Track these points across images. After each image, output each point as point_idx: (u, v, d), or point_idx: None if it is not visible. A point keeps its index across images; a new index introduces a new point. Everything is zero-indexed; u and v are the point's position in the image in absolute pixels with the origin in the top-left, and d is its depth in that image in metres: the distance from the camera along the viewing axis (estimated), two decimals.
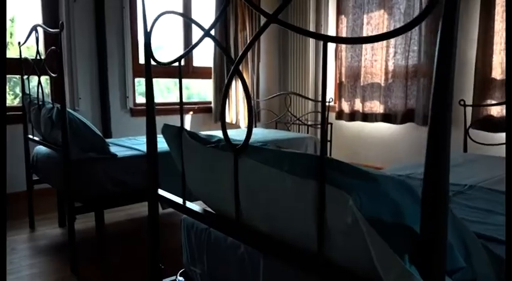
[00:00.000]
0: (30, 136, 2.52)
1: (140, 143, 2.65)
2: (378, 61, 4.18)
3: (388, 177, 0.62)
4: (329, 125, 3.21)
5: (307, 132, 3.52)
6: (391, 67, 4.09)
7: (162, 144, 1.55)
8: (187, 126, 4.28)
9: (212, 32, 3.83)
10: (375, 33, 4.18)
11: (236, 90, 4.46)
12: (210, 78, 4.43)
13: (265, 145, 0.92)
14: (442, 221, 0.53)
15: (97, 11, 3.59)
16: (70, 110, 2.10)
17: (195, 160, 1.15)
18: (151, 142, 1.36)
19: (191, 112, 4.31)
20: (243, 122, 4.52)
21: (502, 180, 1.66)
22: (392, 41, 4.06)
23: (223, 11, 1.04)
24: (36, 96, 2.39)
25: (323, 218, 0.69)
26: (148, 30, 1.26)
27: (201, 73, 4.57)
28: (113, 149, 2.30)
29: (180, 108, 1.27)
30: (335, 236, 0.69)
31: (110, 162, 2.17)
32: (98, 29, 3.61)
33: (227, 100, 4.41)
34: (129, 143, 2.68)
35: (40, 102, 2.29)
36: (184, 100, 1.84)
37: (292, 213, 0.79)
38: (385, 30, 4.09)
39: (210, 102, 4.48)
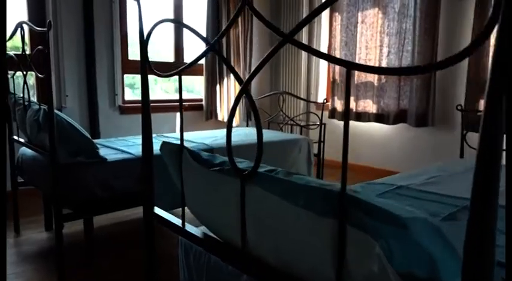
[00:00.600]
0: (15, 137, 2.42)
1: (130, 145, 2.57)
2: (372, 60, 4.14)
3: (419, 221, 0.57)
4: (322, 126, 3.16)
5: (301, 133, 3.46)
6: (384, 66, 4.05)
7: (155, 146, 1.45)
8: (177, 124, 4.20)
9: (204, 28, 3.70)
10: (369, 32, 4.14)
11: (228, 87, 4.38)
12: (202, 75, 4.34)
13: (276, 171, 0.86)
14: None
15: (85, 5, 3.46)
16: (57, 112, 2.01)
17: (197, 181, 1.08)
18: (147, 158, 1.27)
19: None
20: (235, 120, 4.44)
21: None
22: (386, 40, 4.02)
23: (232, 22, 0.97)
24: (21, 95, 2.29)
25: (343, 260, 0.64)
26: (145, 38, 1.17)
27: (192, 70, 4.47)
28: (102, 151, 2.21)
29: (181, 125, 1.19)
30: (356, 278, 0.63)
31: (99, 166, 2.09)
32: (86, 23, 3.48)
33: (219, 97, 4.33)
34: (118, 144, 2.59)
35: (26, 103, 2.19)
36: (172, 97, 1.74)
37: (304, 248, 0.73)
38: (379, 29, 4.05)
39: (201, 100, 4.40)
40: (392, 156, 4.18)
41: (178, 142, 1.17)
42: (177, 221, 1.15)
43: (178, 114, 4.19)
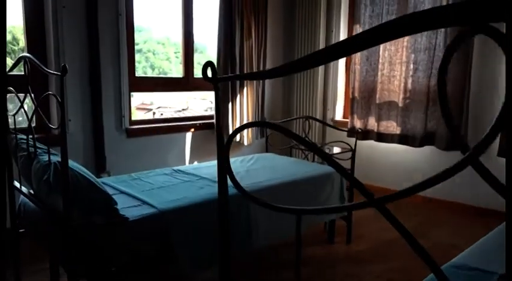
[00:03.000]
0: (17, 184, 2.09)
1: (148, 189, 2.25)
2: (397, 77, 3.87)
3: None
4: (349, 151, 2.89)
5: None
6: (410, 85, 3.78)
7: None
8: (188, 146, 3.88)
9: (215, 39, 3.35)
10: (393, 47, 3.86)
11: (241, 104, 4.07)
12: (212, 90, 4.02)
13: None
14: None
15: (89, 18, 3.12)
16: (70, 162, 1.69)
17: None
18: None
19: (192, 129, 3.90)
20: (247, 139, 4.15)
21: None
22: (412, 56, 3.74)
23: None
24: (23, 136, 1.97)
25: None
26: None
27: (202, 85, 4.15)
28: (119, 201, 1.90)
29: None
30: None
31: (119, 227, 1.78)
32: (90, 38, 3.14)
33: (231, 115, 4.02)
34: (134, 188, 2.27)
35: (30, 148, 1.86)
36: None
37: None
38: (405, 45, 3.77)
39: (212, 117, 4.09)
40: (416, 180, 3.91)
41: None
42: None
43: (187, 134, 3.88)
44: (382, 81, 3.94)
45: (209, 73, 0.95)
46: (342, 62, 4.45)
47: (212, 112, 4.20)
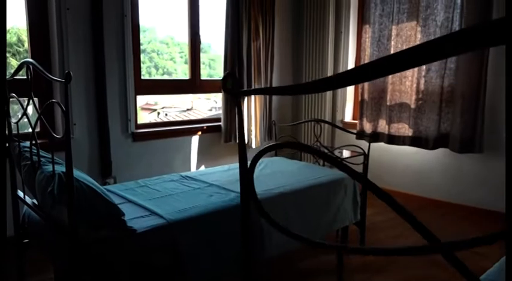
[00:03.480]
0: (20, 194, 2.02)
1: (156, 198, 2.17)
2: (408, 78, 3.76)
3: None
4: (360, 155, 2.80)
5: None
6: (422, 86, 3.68)
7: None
8: (194, 149, 3.80)
9: (220, 38, 3.21)
10: (405, 46, 3.75)
11: (248, 106, 3.99)
12: (220, 92, 3.95)
13: None
14: None
15: (94, 19, 3.04)
16: (75, 171, 1.61)
17: None
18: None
19: (199, 133, 3.82)
20: (255, 142, 4.06)
21: None
22: None
23: None
24: (27, 144, 1.89)
25: None
26: None
27: (210, 87, 4.07)
28: (126, 211, 1.82)
29: None
30: None
31: (127, 240, 1.70)
32: (95, 40, 3.07)
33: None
34: (141, 196, 2.19)
35: (34, 157, 1.79)
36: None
37: None
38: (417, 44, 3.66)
39: (219, 120, 4.00)
40: (430, 183, 3.82)
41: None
42: None
43: (193, 138, 3.79)
44: (393, 82, 3.84)
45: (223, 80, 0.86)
46: (351, 62, 4.35)
47: (217, 112, 4.12)
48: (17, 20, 3.07)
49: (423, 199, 3.84)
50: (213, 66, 4.48)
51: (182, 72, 4.53)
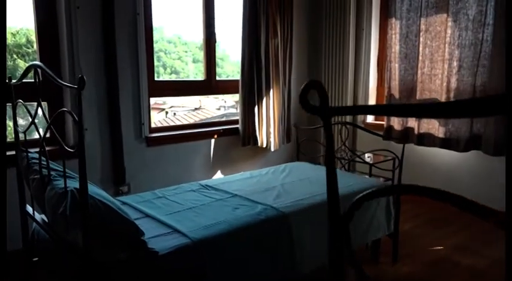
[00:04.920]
0: (29, 209, 1.84)
1: (176, 211, 1.98)
2: (438, 76, 3.53)
3: None
4: (391, 160, 2.59)
5: (370, 173, 2.86)
6: (454, 84, 3.45)
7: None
8: (211, 152, 3.62)
9: (240, 38, 3.00)
10: (435, 43, 3.53)
11: (267, 108, 3.79)
12: (237, 93, 3.75)
13: None
14: None
15: (105, 18, 2.86)
16: (90, 186, 1.42)
17: None
18: None
19: (216, 136, 3.63)
20: (274, 145, 3.86)
21: None
22: (456, 52, 3.40)
23: None
24: (35, 156, 1.72)
25: None
26: None
27: (226, 88, 3.88)
28: (144, 225, 1.63)
29: None
30: None
31: (148, 263, 1.52)
32: (107, 39, 2.88)
33: (257, 119, 3.74)
34: (159, 209, 2.01)
35: (43, 171, 1.60)
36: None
37: None
38: (448, 40, 3.44)
39: (236, 122, 3.80)
40: (460, 187, 3.58)
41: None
42: None
43: (210, 141, 3.60)
44: (423, 80, 3.61)
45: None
46: (373, 61, 4.13)
47: (226, 111, 3.92)
48: (27, 21, 2.90)
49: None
50: (221, 65, 4.30)
51: (189, 71, 4.36)
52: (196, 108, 5.67)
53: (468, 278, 2.47)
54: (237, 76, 3.75)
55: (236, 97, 3.93)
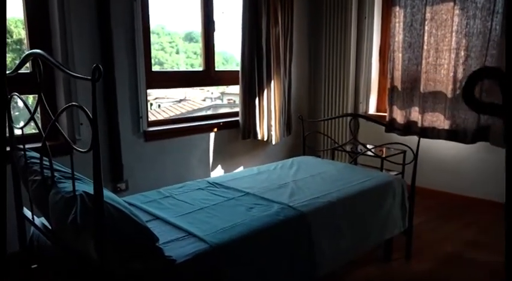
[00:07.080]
0: (28, 213, 1.68)
1: (187, 213, 1.84)
2: (444, 66, 3.44)
3: None
4: (400, 153, 2.48)
5: (381, 167, 2.75)
6: (460, 74, 3.36)
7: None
8: (211, 146, 3.47)
9: (239, 27, 2.81)
10: (440, 32, 3.42)
11: (268, 100, 3.65)
12: (237, 84, 3.60)
13: None
14: None
15: (100, 5, 2.67)
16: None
17: None
18: None
19: (215, 129, 3.48)
20: (275, 138, 3.73)
21: None
22: (463, 41, 3.30)
23: None
24: (35, 156, 1.56)
25: None
26: None
27: (225, 79, 3.73)
28: (155, 229, 1.49)
29: None
30: None
31: (166, 273, 1.38)
32: (102, 27, 2.70)
33: (258, 112, 3.60)
34: (171, 210, 1.87)
35: (45, 172, 1.44)
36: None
37: None
38: (455, 29, 3.33)
39: (236, 114, 3.66)
40: (468, 180, 3.52)
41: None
42: None
43: (209, 135, 3.46)
44: (427, 70, 3.51)
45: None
46: (375, 50, 4.01)
47: (212, 102, 3.79)
48: (14, 10, 2.68)
49: (459, 197, 3.55)
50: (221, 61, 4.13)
51: (173, 62, 4.20)
52: (181, 100, 5.48)
53: (483, 276, 2.40)
54: (230, 67, 3.59)
55: (232, 89, 3.79)
